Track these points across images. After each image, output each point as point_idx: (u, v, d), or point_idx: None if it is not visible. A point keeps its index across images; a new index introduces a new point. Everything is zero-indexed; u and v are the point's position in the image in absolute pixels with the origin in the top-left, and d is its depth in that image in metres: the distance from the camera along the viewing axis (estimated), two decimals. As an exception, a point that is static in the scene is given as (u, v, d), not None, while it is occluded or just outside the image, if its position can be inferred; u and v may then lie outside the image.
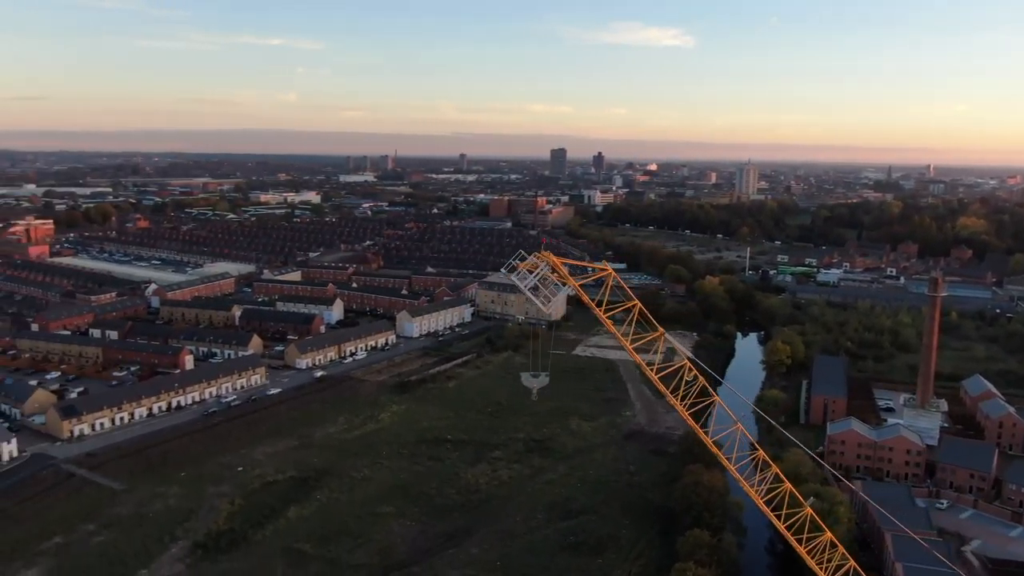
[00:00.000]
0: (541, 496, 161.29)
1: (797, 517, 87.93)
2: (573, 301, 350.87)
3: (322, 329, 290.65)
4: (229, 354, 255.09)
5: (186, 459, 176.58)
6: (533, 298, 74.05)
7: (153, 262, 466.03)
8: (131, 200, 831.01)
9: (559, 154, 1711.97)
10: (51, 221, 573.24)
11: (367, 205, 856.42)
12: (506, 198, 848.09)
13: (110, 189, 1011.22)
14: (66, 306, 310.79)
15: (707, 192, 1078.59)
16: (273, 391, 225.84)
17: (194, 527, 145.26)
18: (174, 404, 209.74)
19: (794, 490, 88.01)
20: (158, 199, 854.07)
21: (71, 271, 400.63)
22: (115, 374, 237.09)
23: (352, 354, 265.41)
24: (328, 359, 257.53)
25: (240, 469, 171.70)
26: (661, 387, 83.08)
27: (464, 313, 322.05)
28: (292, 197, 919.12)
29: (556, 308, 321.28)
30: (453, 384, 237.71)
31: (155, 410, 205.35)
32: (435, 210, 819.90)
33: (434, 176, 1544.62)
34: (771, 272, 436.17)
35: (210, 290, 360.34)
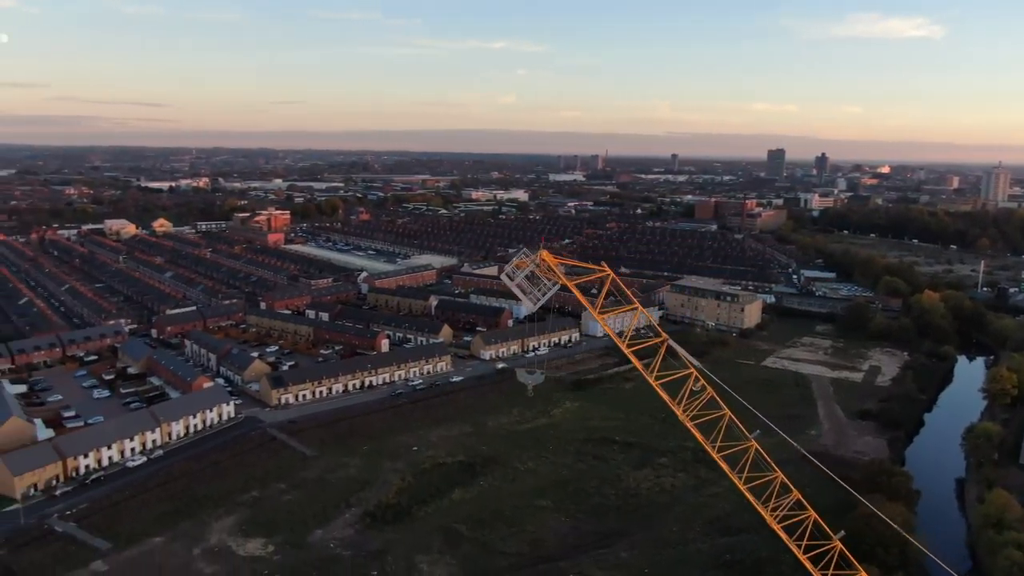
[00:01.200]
0: (702, 509, 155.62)
1: (827, 549, 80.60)
2: (770, 309, 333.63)
3: (509, 323, 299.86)
4: (421, 341, 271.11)
5: (370, 434, 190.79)
6: (521, 296, 74.28)
7: (369, 252, 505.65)
8: (357, 195, 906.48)
9: (777, 155, 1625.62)
10: (288, 212, 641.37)
11: (572, 204, 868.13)
12: (713, 200, 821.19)
13: (342, 184, 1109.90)
14: (289, 288, 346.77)
15: (946, 198, 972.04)
16: (456, 379, 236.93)
17: (367, 497, 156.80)
18: (367, 383, 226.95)
19: (819, 520, 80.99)
20: (381, 194, 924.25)
21: (298, 257, 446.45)
22: (322, 352, 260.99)
23: (534, 349, 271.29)
24: (511, 352, 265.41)
25: (415, 449, 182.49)
26: (662, 392, 79.34)
27: (652, 315, 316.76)
28: (501, 195, 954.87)
29: (750, 316, 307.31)
30: (630, 386, 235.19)
31: (350, 387, 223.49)
32: (639, 210, 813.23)
33: (643, 176, 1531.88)
34: (1010, 290, 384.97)
35: (413, 280, 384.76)
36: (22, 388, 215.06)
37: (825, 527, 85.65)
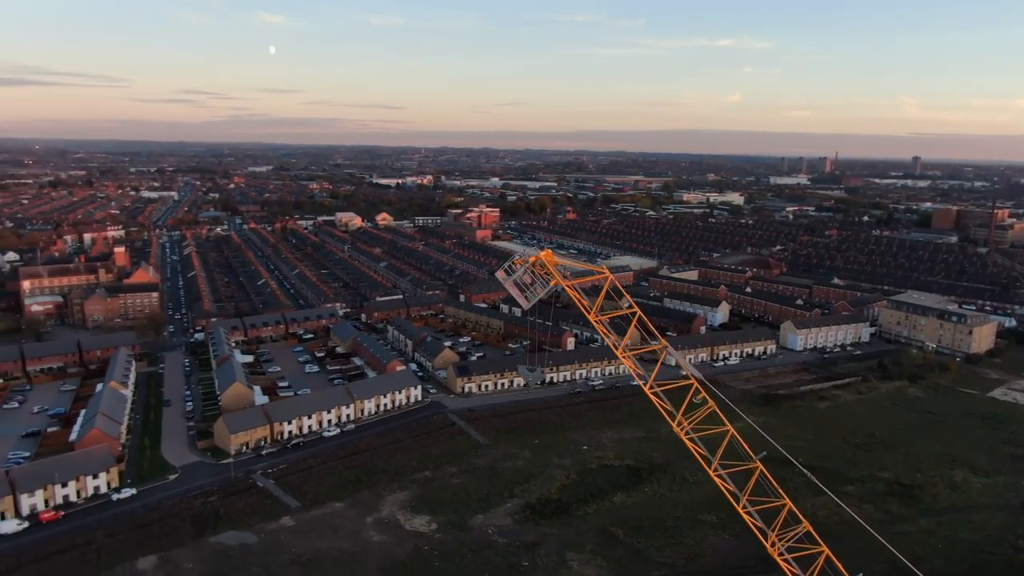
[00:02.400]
0: (886, 548, 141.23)
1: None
2: (1007, 334, 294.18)
3: (702, 330, 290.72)
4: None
5: (543, 429, 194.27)
6: (516, 294, 73.75)
7: (571, 251, 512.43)
8: (568, 194, 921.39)
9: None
10: (498, 210, 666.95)
11: (790, 209, 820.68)
12: (955, 208, 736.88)
13: (555, 183, 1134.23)
14: (488, 282, 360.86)
15: None
16: (637, 383, 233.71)
17: (530, 489, 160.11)
18: (547, 379, 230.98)
19: (831, 555, 67.82)
20: (591, 194, 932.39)
21: (502, 253, 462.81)
22: (510, 345, 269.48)
23: (725, 358, 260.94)
24: (699, 359, 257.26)
25: (585, 448, 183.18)
26: (656, 400, 70.71)
27: (861, 331, 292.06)
28: (715, 197, 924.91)
29: (979, 340, 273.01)
30: (824, 406, 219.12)
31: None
32: (865, 217, 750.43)
33: (876, 181, 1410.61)
34: None
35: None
36: (249, 358, 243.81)
37: (841, 567, 75.14)
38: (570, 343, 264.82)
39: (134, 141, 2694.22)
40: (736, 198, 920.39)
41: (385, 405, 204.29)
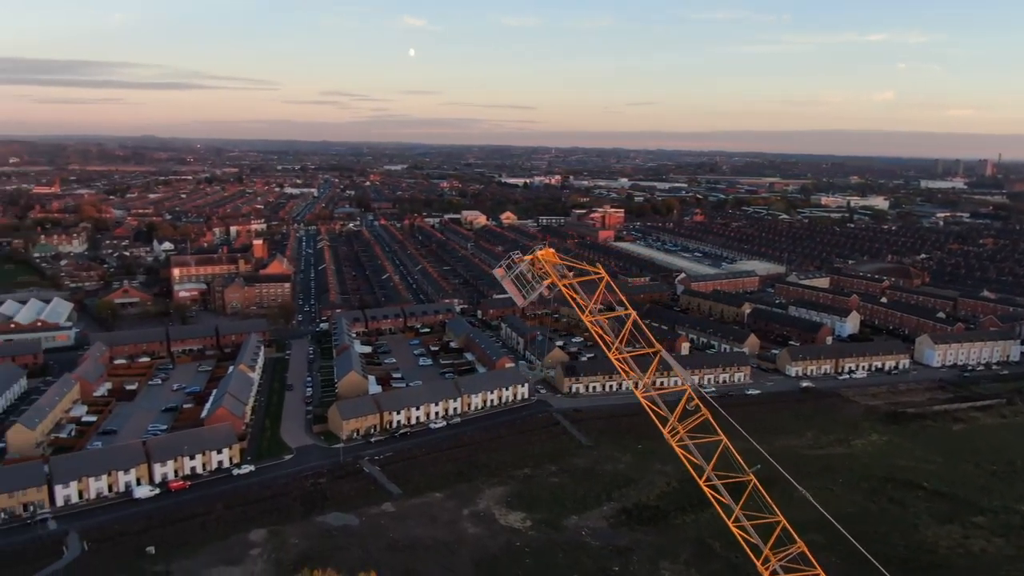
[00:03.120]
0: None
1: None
2: None
3: (828, 340, 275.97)
4: (724, 348, 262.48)
5: (647, 434, 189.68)
6: (513, 292, 72.46)
7: (695, 254, 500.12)
8: (698, 196, 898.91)
9: None
10: (623, 210, 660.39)
11: (941, 215, 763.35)
12: None
13: (685, 185, 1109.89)
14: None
15: None
16: (752, 391, 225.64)
17: (628, 494, 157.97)
18: (657, 383, 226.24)
19: None
20: (722, 196, 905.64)
21: (623, 254, 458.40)
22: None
23: (850, 371, 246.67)
24: (821, 371, 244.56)
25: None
26: (646, 403, 64.49)
27: (1010, 350, 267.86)
28: (856, 201, 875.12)
29: None
30: (959, 428, 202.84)
31: (639, 385, 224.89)
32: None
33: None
34: None
35: (732, 286, 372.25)
36: (367, 349, 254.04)
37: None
38: (684, 348, 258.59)
39: (282, 140, 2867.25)
40: (880, 202, 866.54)
41: (492, 401, 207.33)
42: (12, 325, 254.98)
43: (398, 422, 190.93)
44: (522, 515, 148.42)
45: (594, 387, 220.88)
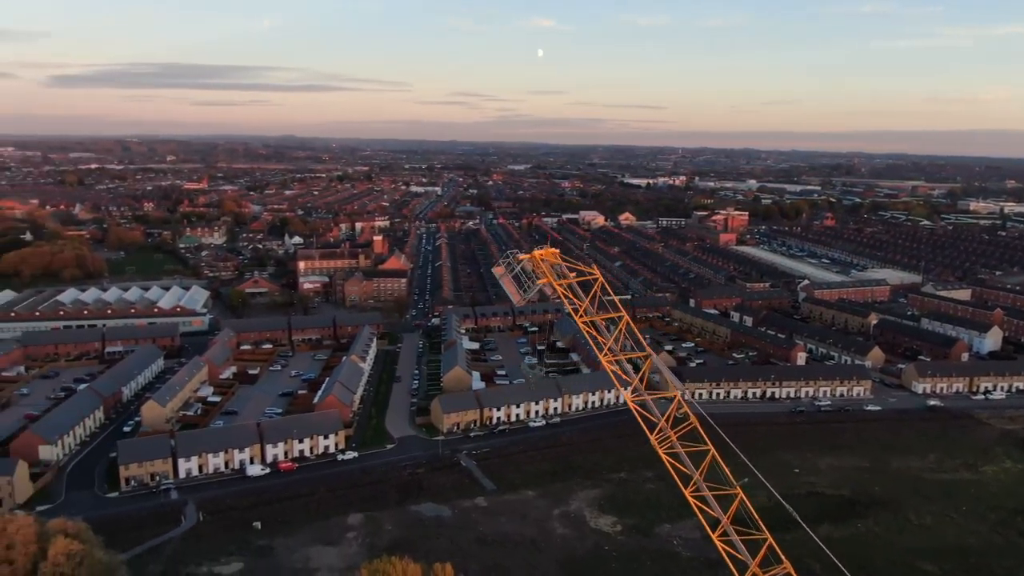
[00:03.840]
0: None
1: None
2: None
3: (964, 357, 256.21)
4: (844, 360, 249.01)
5: (753, 446, 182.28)
6: (511, 291, 71.63)
7: (823, 260, 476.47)
8: (830, 199, 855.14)
9: None
10: (747, 213, 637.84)
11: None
12: None
13: (818, 187, 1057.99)
14: (722, 288, 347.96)
15: None
16: (871, 407, 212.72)
17: (725, 507, 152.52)
18: (768, 394, 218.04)
19: None
20: (857, 200, 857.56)
21: (743, 258, 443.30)
22: (735, 355, 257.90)
23: (987, 391, 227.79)
24: (952, 390, 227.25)
25: (796, 471, 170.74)
26: (636, 409, 57.49)
27: None
28: (1011, 207, 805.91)
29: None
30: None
31: (749, 395, 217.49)
32: None
33: None
34: None
35: (860, 295, 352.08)
36: (475, 345, 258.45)
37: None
38: (800, 358, 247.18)
39: (413, 140, 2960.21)
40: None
41: (593, 403, 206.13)
42: (155, 310, 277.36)
43: (498, 419, 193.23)
44: (613, 519, 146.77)
45: (700, 394, 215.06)
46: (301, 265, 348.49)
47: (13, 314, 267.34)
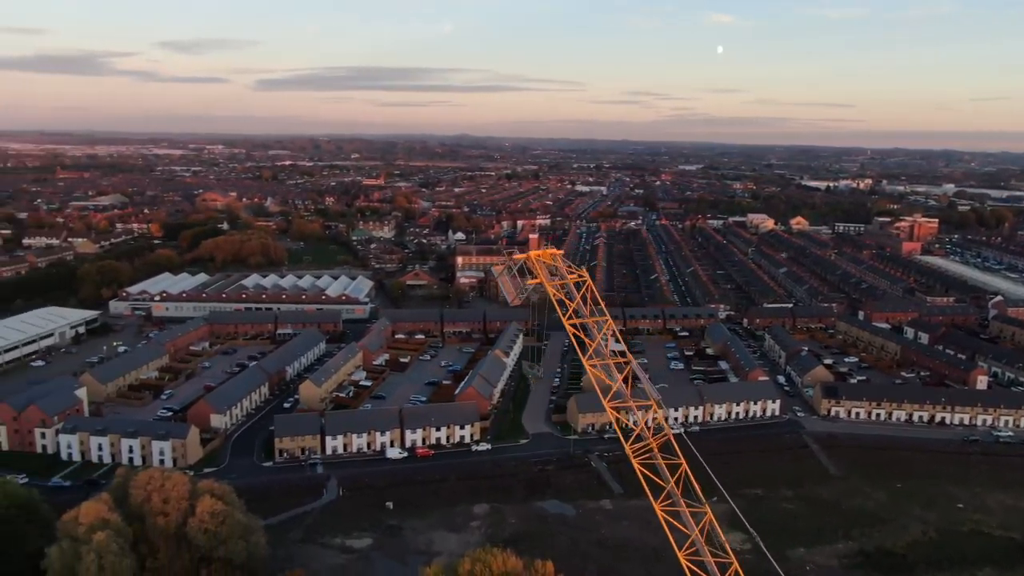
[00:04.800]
0: None
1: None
2: None
3: None
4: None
5: (911, 473, 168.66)
6: (508, 290, 72.50)
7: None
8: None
9: None
10: (937, 221, 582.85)
11: None
12: None
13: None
14: (898, 301, 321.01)
15: None
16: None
17: (872, 535, 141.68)
18: (937, 419, 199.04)
19: None
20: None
21: (927, 269, 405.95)
22: (903, 374, 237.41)
23: None
24: None
25: (960, 506, 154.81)
26: (612, 413, 52.95)
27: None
28: None
29: None
30: None
31: (915, 418, 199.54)
32: None
33: None
34: None
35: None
36: (620, 347, 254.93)
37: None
38: (981, 381, 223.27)
39: (584, 140, 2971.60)
40: None
41: (737, 413, 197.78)
42: (323, 297, 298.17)
43: (634, 422, 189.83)
44: (743, 536, 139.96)
45: (857, 413, 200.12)
46: (459, 260, 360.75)
47: (204, 295, 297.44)
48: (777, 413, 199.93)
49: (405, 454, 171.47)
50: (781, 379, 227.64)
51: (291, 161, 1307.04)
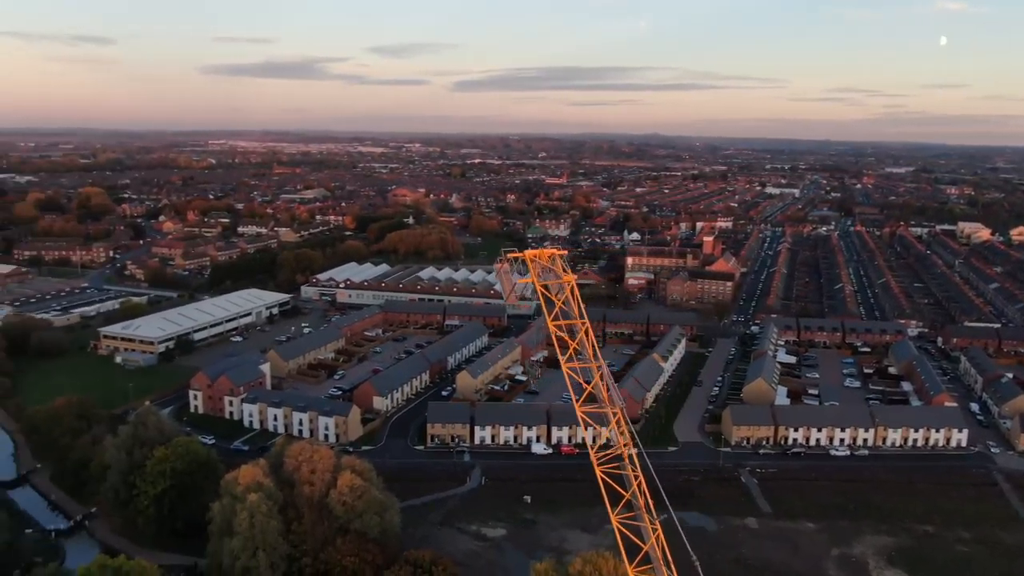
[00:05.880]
0: None
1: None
2: None
3: None
4: None
5: None
6: (507, 288, 70.31)
7: None
8: None
9: None
10: None
11: None
12: None
13: None
14: None
15: None
16: None
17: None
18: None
19: None
20: None
21: None
22: None
23: None
24: None
25: None
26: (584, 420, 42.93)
27: None
28: None
29: None
30: None
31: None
32: None
33: None
34: None
35: None
36: (792, 359, 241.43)
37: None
38: None
39: (780, 139, 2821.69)
40: None
41: (914, 440, 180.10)
42: (491, 292, 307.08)
43: (794, 439, 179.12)
44: (898, 574, 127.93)
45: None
46: (629, 261, 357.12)
47: (383, 284, 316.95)
48: (964, 444, 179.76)
49: (550, 450, 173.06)
50: (974, 407, 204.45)
51: (480, 159, 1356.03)
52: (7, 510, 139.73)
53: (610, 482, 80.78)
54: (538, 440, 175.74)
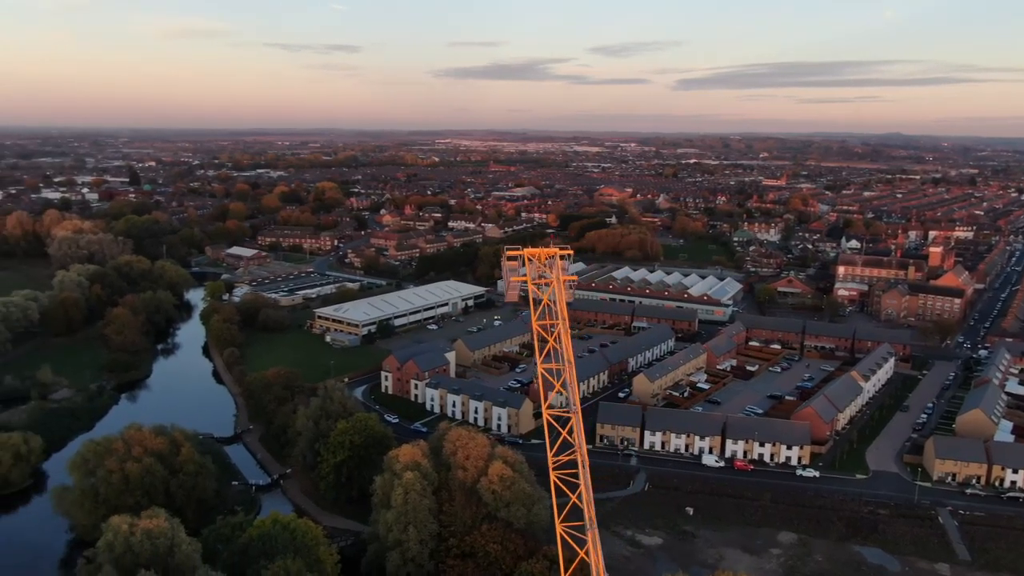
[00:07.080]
0: None
1: None
2: None
3: None
4: None
5: None
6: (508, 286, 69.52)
7: None
8: None
9: None
10: None
11: None
12: None
13: None
14: None
15: None
16: None
17: None
18: None
19: None
20: None
21: None
22: None
23: None
24: None
25: None
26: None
27: None
28: None
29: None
30: None
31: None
32: None
33: None
34: None
35: None
36: (1023, 391, 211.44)
37: None
38: None
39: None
40: None
41: None
42: (685, 295, 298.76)
43: (1012, 482, 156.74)
44: None
45: None
46: (840, 270, 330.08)
47: (576, 282, 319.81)
48: None
49: (722, 463, 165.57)
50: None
51: (696, 159, 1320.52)
52: (221, 463, 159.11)
53: (565, 489, 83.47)
54: (710, 451, 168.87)
